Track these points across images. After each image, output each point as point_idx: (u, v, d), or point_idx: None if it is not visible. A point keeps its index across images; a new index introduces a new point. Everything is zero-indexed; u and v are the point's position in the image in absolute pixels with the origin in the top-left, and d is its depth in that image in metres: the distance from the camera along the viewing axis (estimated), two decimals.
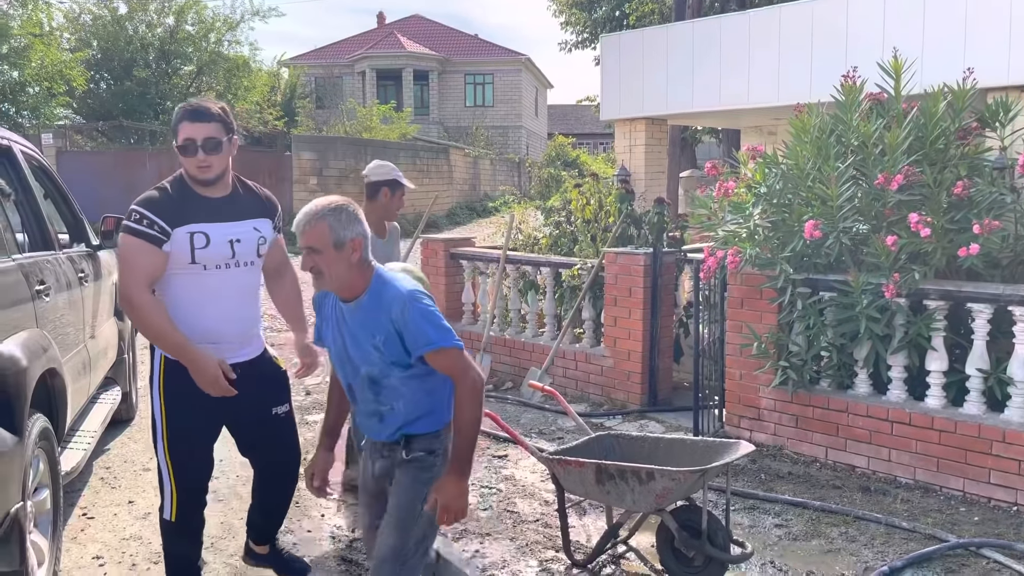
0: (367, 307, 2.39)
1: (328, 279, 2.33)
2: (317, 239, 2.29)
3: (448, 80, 36.45)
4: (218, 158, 2.84)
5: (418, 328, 2.33)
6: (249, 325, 3.02)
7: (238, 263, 2.91)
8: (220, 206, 2.90)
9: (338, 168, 18.99)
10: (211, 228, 2.86)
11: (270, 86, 27.60)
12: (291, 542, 3.80)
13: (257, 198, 3.07)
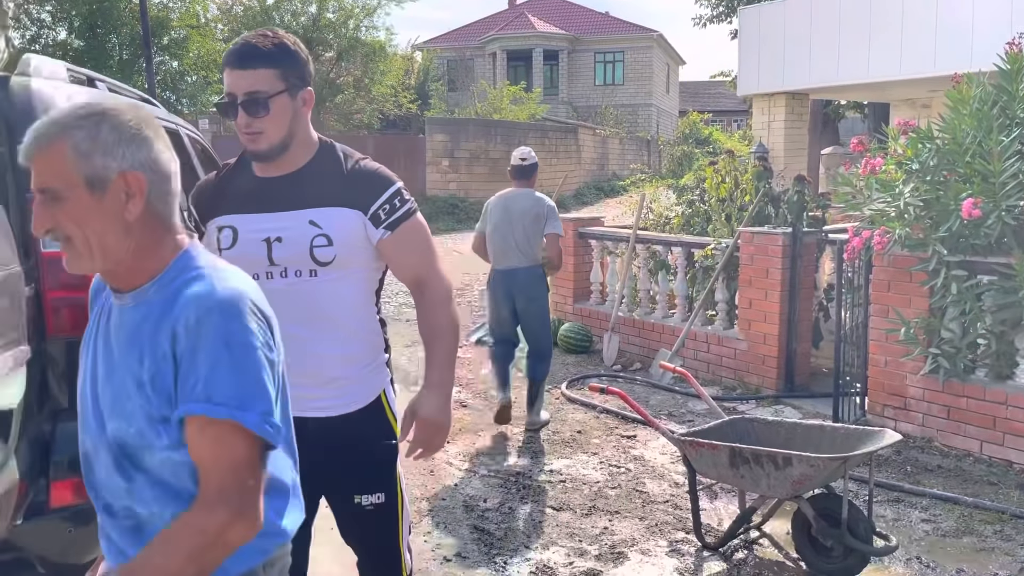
0: (148, 309, 1.31)
1: (80, 249, 1.30)
2: (53, 172, 1.26)
3: (577, 59, 36.22)
4: (269, 121, 1.90)
5: (205, 365, 1.25)
6: (319, 364, 1.97)
7: (284, 272, 1.95)
8: (269, 189, 1.98)
9: (469, 149, 19.32)
10: (241, 221, 1.98)
11: (404, 70, 28.35)
12: (425, 509, 3.95)
13: (339, 176, 1.99)
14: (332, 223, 1.96)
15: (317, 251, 1.95)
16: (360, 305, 2.05)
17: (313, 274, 1.97)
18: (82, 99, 2.94)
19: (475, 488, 4.24)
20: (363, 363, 2.06)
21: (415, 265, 2.06)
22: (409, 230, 2.03)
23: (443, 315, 2.04)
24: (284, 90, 1.91)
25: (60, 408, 2.42)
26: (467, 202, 18.93)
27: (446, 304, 2.05)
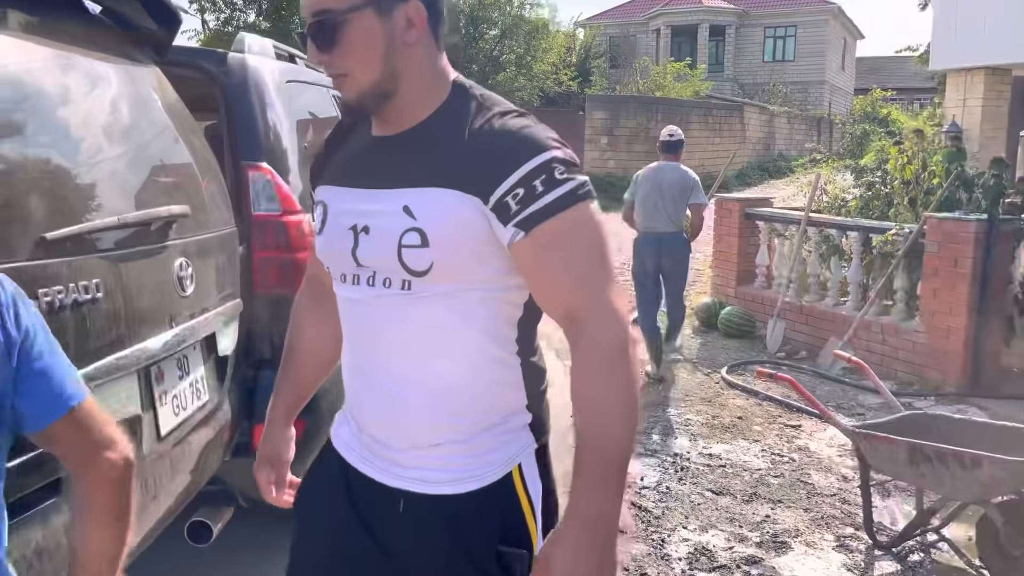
0: None
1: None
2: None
3: (746, 34, 34.79)
4: (350, 55, 1.25)
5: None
6: (408, 420, 1.33)
7: (371, 279, 1.30)
8: (374, 154, 1.33)
9: (628, 127, 19.09)
10: (333, 196, 1.37)
11: (566, 47, 28.33)
12: None
13: (459, 137, 1.26)
14: (430, 212, 1.23)
15: (407, 253, 1.24)
16: (482, 341, 1.29)
17: (406, 286, 1.27)
18: (284, 72, 3.17)
19: (631, 465, 4.24)
20: (482, 425, 1.33)
21: (563, 292, 1.23)
22: (558, 232, 1.20)
23: (604, 386, 1.21)
24: (365, 4, 1.22)
25: (264, 358, 2.64)
26: (625, 181, 18.53)
27: (613, 366, 1.21)
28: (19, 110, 1.48)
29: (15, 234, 1.36)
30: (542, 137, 1.24)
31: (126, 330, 1.63)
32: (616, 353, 1.21)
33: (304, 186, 2.90)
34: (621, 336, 1.21)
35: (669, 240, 5.71)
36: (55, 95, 1.63)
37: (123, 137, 1.87)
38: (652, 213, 5.71)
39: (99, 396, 1.57)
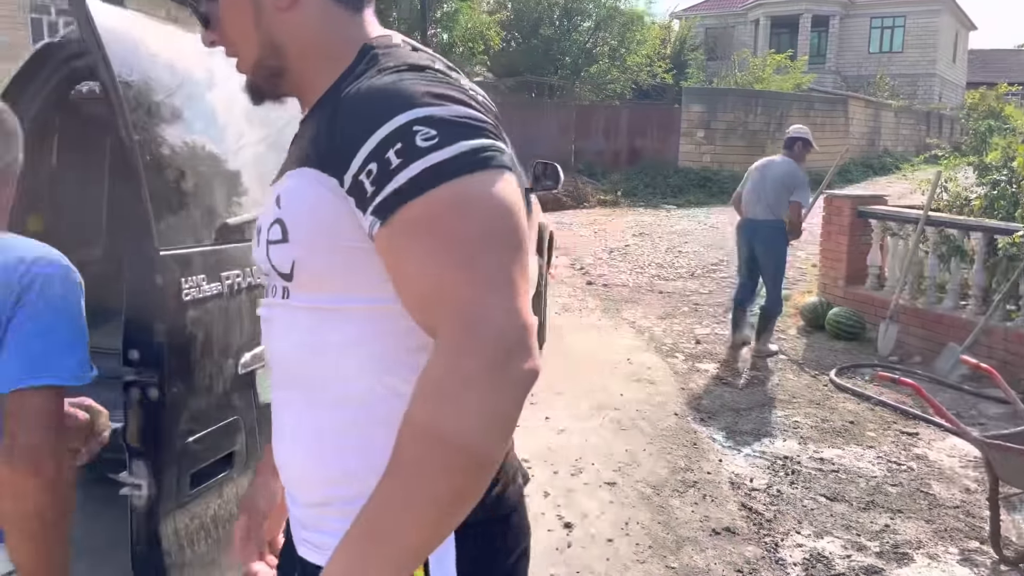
0: None
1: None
2: None
3: (851, 25, 33.48)
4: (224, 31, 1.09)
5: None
6: (295, 464, 1.07)
7: (269, 289, 1.10)
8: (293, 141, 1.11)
9: (726, 120, 18.66)
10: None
11: (660, 39, 27.89)
12: (690, 479, 3.95)
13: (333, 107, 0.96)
14: (288, 199, 0.99)
15: (272, 250, 1.01)
16: (374, 369, 0.99)
17: (284, 294, 1.03)
18: None
19: (740, 466, 4.17)
20: (336, 479, 1.01)
21: (421, 304, 0.90)
22: (418, 221, 0.87)
23: (423, 421, 0.83)
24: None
25: None
26: (720, 175, 18.33)
27: (451, 397, 0.82)
28: (203, 103, 1.56)
29: (204, 220, 1.43)
30: (409, 92, 0.90)
31: None
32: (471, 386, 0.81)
33: None
34: (485, 364, 0.82)
35: (762, 226, 5.99)
36: (224, 86, 1.70)
37: (272, 126, 1.94)
38: (753, 201, 6.05)
39: (267, 376, 1.64)
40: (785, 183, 5.91)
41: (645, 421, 4.74)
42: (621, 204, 16.86)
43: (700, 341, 6.57)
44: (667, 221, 14.13)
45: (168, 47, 1.55)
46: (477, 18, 22.71)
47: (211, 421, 1.41)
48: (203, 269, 1.40)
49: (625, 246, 11.27)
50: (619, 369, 5.77)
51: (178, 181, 1.38)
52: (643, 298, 8.18)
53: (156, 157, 1.36)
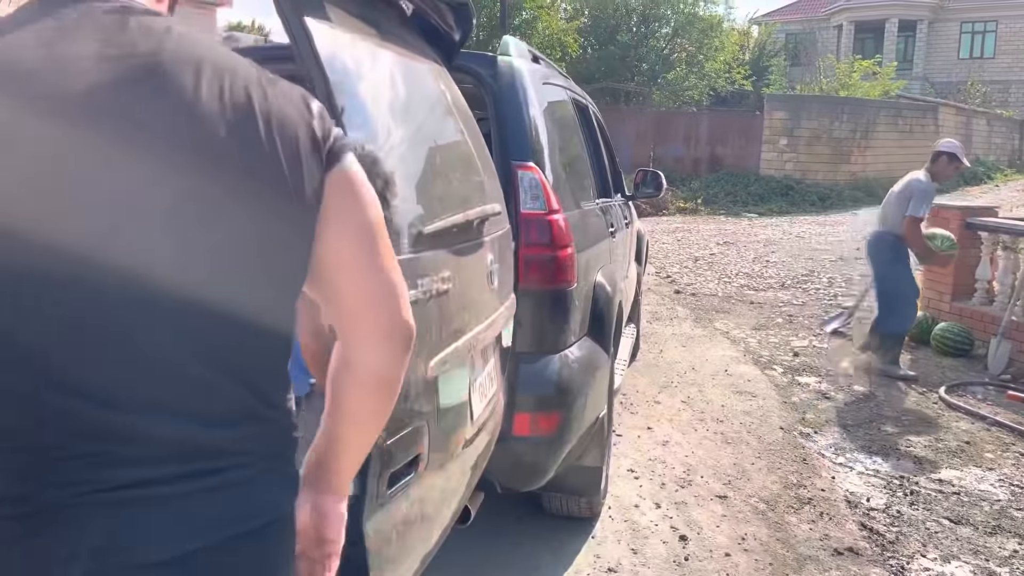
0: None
1: None
2: None
3: (939, 30, 32.37)
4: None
5: None
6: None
7: None
8: None
9: (810, 128, 18.25)
10: None
11: (739, 45, 27.47)
12: (805, 497, 3.87)
13: None
14: None
15: None
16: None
17: None
18: (539, 74, 3.26)
19: (855, 484, 4.06)
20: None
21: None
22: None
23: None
24: None
25: (521, 351, 2.73)
26: (803, 184, 17.95)
27: None
28: (394, 114, 1.61)
29: (404, 229, 1.47)
30: None
31: (464, 319, 1.74)
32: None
33: (560, 182, 2.97)
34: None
35: (875, 238, 5.88)
36: (409, 98, 1.75)
37: (445, 136, 1.99)
38: (880, 213, 5.95)
39: (448, 381, 1.68)
40: (901, 195, 5.65)
41: (750, 434, 4.67)
42: (701, 212, 16.65)
43: (798, 354, 6.43)
44: (750, 230, 13.89)
45: (365, 60, 1.61)
46: (555, 25, 22.75)
47: (405, 423, 1.45)
48: (406, 276, 1.44)
49: (710, 255, 11.13)
50: (718, 380, 5.69)
51: (384, 192, 1.42)
52: (734, 308, 8.05)
53: (369, 169, 1.40)
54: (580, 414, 2.83)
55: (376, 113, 1.60)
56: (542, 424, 2.69)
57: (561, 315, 2.79)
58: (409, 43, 2.03)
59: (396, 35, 1.93)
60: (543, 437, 2.68)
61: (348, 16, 1.63)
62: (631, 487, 3.90)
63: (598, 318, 3.15)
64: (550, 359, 2.74)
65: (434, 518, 1.70)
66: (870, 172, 19.12)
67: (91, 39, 0.82)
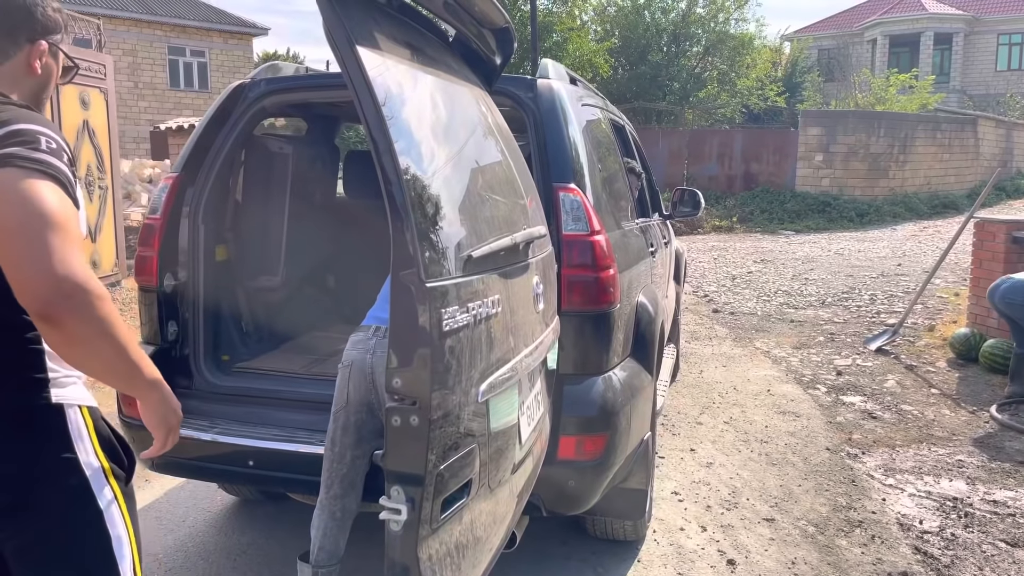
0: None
1: None
2: None
3: (976, 42, 31.92)
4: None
5: None
6: None
7: None
8: None
9: (846, 143, 18.03)
10: None
11: (772, 62, 27.32)
12: (856, 520, 3.78)
13: None
14: None
15: None
16: None
17: None
18: (577, 95, 3.27)
19: (906, 507, 3.95)
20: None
21: None
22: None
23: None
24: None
25: (565, 373, 2.71)
26: (840, 200, 17.72)
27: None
28: (438, 138, 1.62)
29: (451, 253, 1.48)
30: None
31: (512, 343, 1.73)
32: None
33: (600, 203, 2.97)
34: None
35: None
36: (452, 122, 1.76)
37: (488, 158, 1.99)
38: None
39: (498, 403, 1.67)
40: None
41: (796, 455, 4.58)
42: (737, 230, 16.51)
43: (842, 372, 6.31)
44: (788, 247, 13.73)
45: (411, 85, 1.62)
46: (585, 46, 22.85)
47: (459, 448, 1.44)
48: (456, 300, 1.44)
49: (748, 273, 11.01)
50: (760, 400, 5.60)
51: (435, 216, 1.43)
52: (773, 327, 7.95)
53: (418, 193, 1.41)
54: (625, 436, 2.80)
55: (421, 137, 1.61)
56: (587, 447, 2.66)
57: (604, 336, 2.77)
58: (452, 67, 2.04)
59: (439, 60, 1.95)
60: (588, 460, 2.66)
61: (394, 43, 1.65)
62: (676, 510, 3.84)
63: (641, 339, 3.12)
64: (594, 381, 2.72)
65: (485, 542, 1.69)
66: (909, 187, 18.83)
67: None
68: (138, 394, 1.43)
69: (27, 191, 1.24)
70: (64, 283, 1.21)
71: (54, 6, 1.54)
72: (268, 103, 3.14)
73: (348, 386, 2.42)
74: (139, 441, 2.92)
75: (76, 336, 1.24)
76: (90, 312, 1.23)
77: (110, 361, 1.30)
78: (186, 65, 24.65)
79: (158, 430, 1.49)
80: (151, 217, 3.02)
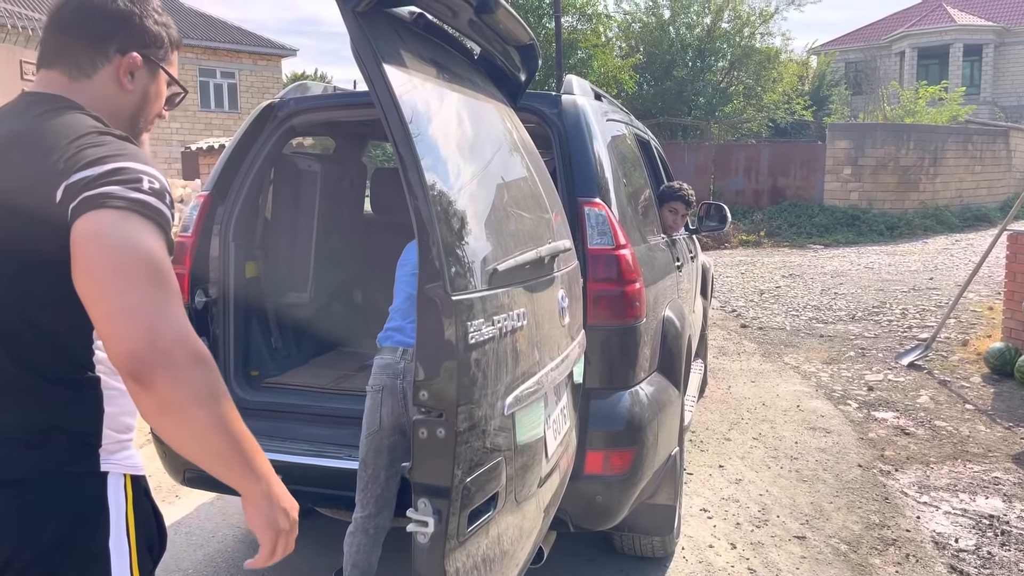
0: None
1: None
2: None
3: (1007, 53, 31.51)
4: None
5: None
6: None
7: None
8: None
9: (875, 156, 17.84)
10: None
11: (798, 75, 27.17)
12: (889, 538, 3.71)
13: None
14: None
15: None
16: None
17: None
18: (602, 111, 3.28)
19: (941, 524, 3.88)
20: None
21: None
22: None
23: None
24: None
25: (592, 387, 2.71)
26: (869, 213, 17.51)
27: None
28: (464, 154, 1.63)
29: (477, 266, 1.49)
30: None
31: (538, 356, 1.74)
32: None
33: (626, 217, 2.97)
34: None
35: None
36: (478, 138, 1.78)
37: (514, 174, 2.01)
38: None
39: (523, 416, 1.68)
40: None
41: (827, 472, 4.52)
42: (764, 244, 16.38)
43: (873, 388, 6.22)
44: (816, 261, 13.59)
45: (437, 102, 1.64)
46: (610, 63, 22.89)
47: (485, 461, 1.45)
48: (482, 313, 1.45)
49: (776, 287, 10.91)
50: (790, 416, 5.54)
51: (460, 230, 1.44)
52: (803, 342, 7.86)
53: (444, 208, 1.43)
54: (652, 451, 2.79)
55: (447, 153, 1.63)
56: (615, 462, 2.65)
57: (631, 350, 2.76)
58: (477, 84, 2.07)
59: (465, 77, 1.97)
60: (616, 475, 2.65)
61: (421, 61, 1.67)
62: (705, 527, 3.80)
63: (668, 353, 3.11)
64: (621, 395, 2.71)
65: (512, 556, 1.69)
66: (940, 199, 18.57)
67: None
68: (240, 484, 1.21)
69: (125, 234, 1.12)
70: (161, 340, 1.08)
71: (160, 19, 1.39)
72: (296, 122, 3.19)
73: (381, 410, 2.45)
74: (168, 456, 2.96)
75: (168, 401, 1.09)
76: (188, 374, 1.10)
77: (203, 435, 1.13)
78: (216, 86, 25.08)
79: (263, 533, 1.24)
80: (182, 235, 3.07)
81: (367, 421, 2.48)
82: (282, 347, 3.51)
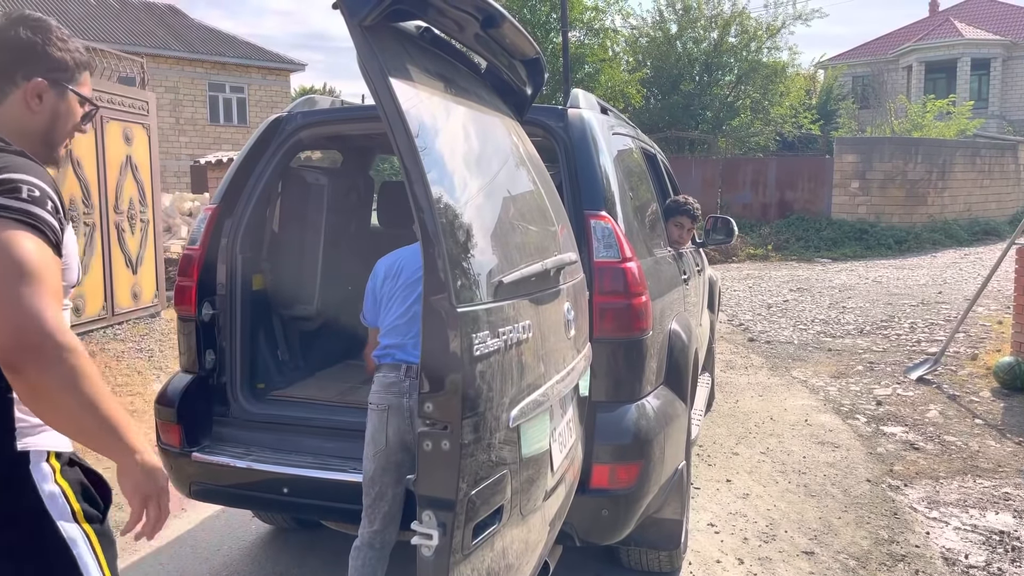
0: None
1: None
2: None
3: (1015, 67, 31.48)
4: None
5: None
6: None
7: None
8: None
9: (883, 170, 17.82)
10: None
11: (805, 89, 27.19)
12: (898, 554, 3.68)
13: None
14: None
15: None
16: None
17: None
18: (608, 124, 3.29)
19: (951, 540, 3.84)
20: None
21: None
22: None
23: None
24: None
25: (597, 400, 2.70)
26: (877, 227, 17.47)
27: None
28: (470, 167, 1.64)
29: (482, 279, 1.49)
30: None
31: (543, 368, 1.74)
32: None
33: (632, 230, 2.97)
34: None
35: None
36: (484, 151, 1.79)
37: (519, 187, 2.01)
38: None
39: (529, 429, 1.67)
40: None
41: (835, 486, 4.48)
42: (772, 258, 16.36)
43: (882, 402, 6.18)
44: (824, 275, 13.55)
45: (443, 115, 1.65)
46: (617, 77, 22.97)
47: (490, 474, 1.45)
48: (487, 325, 1.45)
49: (784, 301, 10.88)
50: (797, 430, 5.51)
51: (466, 242, 1.45)
52: (811, 356, 7.83)
53: (450, 220, 1.44)
54: (659, 465, 2.77)
55: (453, 167, 1.64)
56: (621, 475, 2.64)
57: (637, 363, 2.75)
58: (483, 98, 2.08)
59: (471, 91, 1.98)
60: (622, 489, 2.63)
61: (427, 75, 1.68)
62: (712, 542, 3.78)
63: (674, 367, 3.10)
64: (627, 408, 2.70)
65: (517, 570, 1.68)
66: (948, 213, 18.53)
67: None
68: (111, 456, 1.33)
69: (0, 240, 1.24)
70: (29, 332, 1.19)
71: (64, 46, 1.51)
72: (304, 136, 3.21)
73: (387, 429, 2.45)
74: (175, 469, 2.96)
75: (39, 388, 1.22)
76: (55, 364, 1.21)
77: (75, 416, 1.25)
78: (226, 101, 25.26)
79: (132, 499, 1.37)
80: (190, 247, 3.09)
81: (372, 439, 2.48)
82: (288, 359, 3.51)
